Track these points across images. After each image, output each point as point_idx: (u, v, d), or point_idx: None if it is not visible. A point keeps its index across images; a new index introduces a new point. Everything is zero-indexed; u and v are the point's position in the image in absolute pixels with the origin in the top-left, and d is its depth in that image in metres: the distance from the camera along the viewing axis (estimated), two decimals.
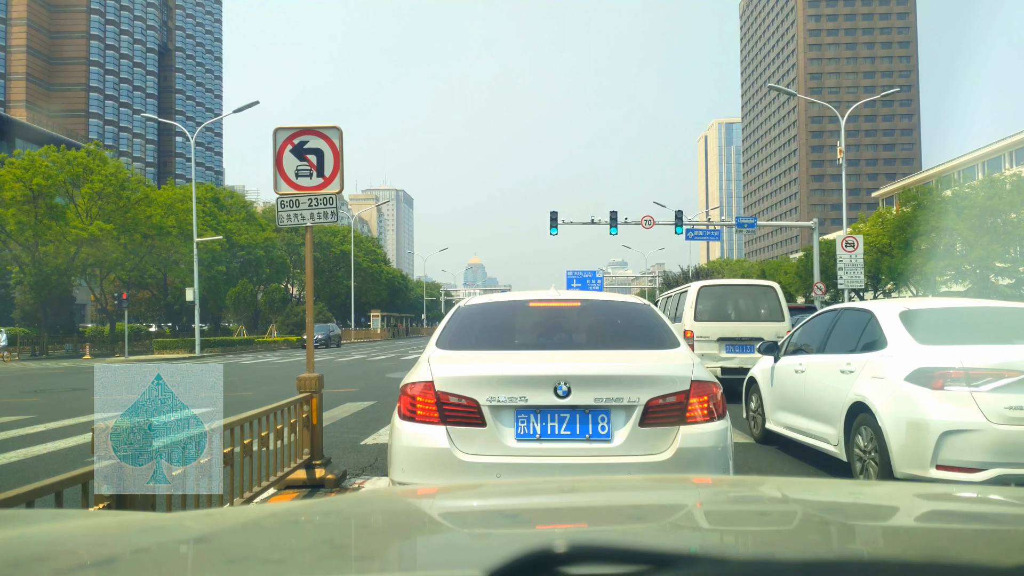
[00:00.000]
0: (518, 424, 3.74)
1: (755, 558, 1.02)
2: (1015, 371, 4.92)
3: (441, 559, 1.13)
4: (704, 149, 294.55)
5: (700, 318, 13.12)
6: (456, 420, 3.75)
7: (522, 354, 4.31)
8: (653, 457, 3.71)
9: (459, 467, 3.69)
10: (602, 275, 68.30)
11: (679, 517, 1.44)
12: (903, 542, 1.21)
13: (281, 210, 5.86)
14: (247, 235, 55.65)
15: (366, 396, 13.52)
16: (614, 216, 36.68)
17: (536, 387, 3.74)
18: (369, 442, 8.50)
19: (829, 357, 6.55)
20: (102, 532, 1.25)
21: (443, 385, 3.79)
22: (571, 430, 3.74)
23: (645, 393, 3.75)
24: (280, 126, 5.74)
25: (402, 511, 1.47)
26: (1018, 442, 4.82)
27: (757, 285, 14.01)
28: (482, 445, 3.71)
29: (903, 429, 5.17)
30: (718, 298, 13.50)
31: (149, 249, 42.27)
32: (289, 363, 27.17)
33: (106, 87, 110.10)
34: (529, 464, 3.68)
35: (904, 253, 39.08)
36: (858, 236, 30.99)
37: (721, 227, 39.00)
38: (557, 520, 1.40)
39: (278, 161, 5.69)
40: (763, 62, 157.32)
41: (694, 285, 13.70)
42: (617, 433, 3.73)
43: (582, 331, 4.78)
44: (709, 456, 3.77)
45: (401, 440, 3.82)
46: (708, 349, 12.90)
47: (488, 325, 4.62)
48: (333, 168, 5.69)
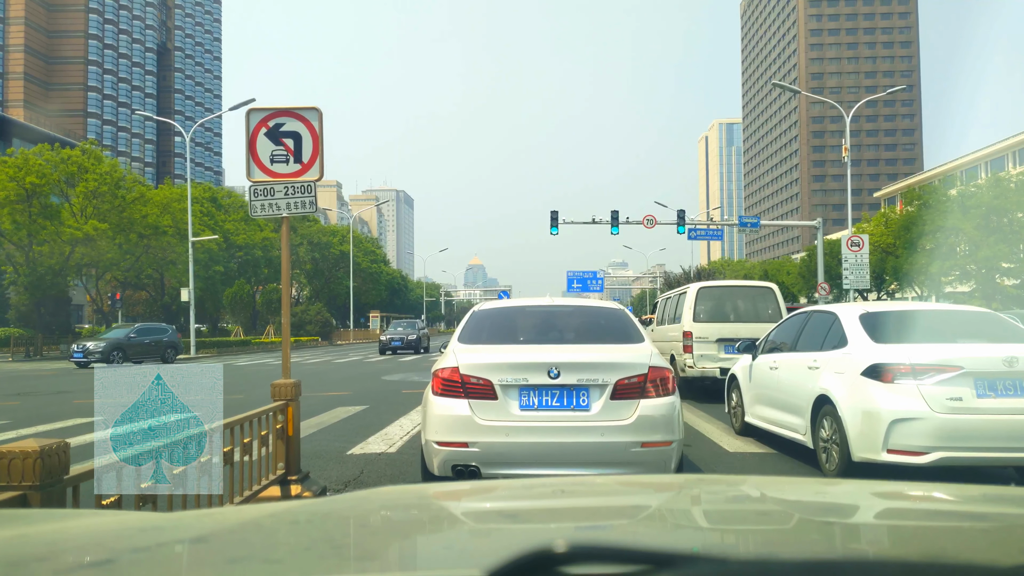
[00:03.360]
0: (521, 398, 4.91)
1: (755, 558, 1.02)
2: (955, 366, 5.53)
3: (441, 559, 1.13)
4: (705, 150, 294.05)
5: (699, 319, 12.88)
6: (475, 395, 4.91)
7: (524, 347, 5.45)
8: (621, 422, 4.86)
9: (478, 429, 4.84)
10: (602, 276, 67.84)
11: (679, 517, 1.46)
12: (903, 542, 1.21)
13: (254, 199, 5.34)
14: (245, 235, 55.14)
15: (359, 400, 13.01)
16: (615, 215, 36.25)
17: (534, 371, 4.91)
18: (356, 452, 7.86)
19: (799, 355, 7.14)
20: (102, 532, 1.26)
21: (465, 370, 4.96)
22: (560, 403, 4.91)
23: (614, 375, 4.92)
24: (253, 107, 5.23)
25: (402, 511, 1.46)
26: (957, 428, 5.44)
27: (756, 286, 13.83)
28: (495, 413, 4.87)
29: (859, 418, 5.79)
30: (717, 299, 13.27)
31: (145, 249, 41.75)
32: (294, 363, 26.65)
33: (105, 87, 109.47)
34: (529, 427, 4.85)
35: (909, 253, 38.59)
36: (864, 236, 30.53)
37: (724, 227, 38.51)
38: (557, 520, 1.41)
39: (251, 145, 5.16)
40: (764, 62, 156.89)
41: (693, 286, 13.46)
42: (594, 404, 4.90)
43: (570, 329, 5.95)
44: (661, 421, 4.92)
45: (435, 410, 4.98)
46: (707, 349, 12.64)
47: (497, 325, 5.90)
48: (312, 153, 5.16)
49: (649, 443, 4.84)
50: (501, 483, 2.42)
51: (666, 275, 59.00)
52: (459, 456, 4.86)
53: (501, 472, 4.85)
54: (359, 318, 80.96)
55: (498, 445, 4.81)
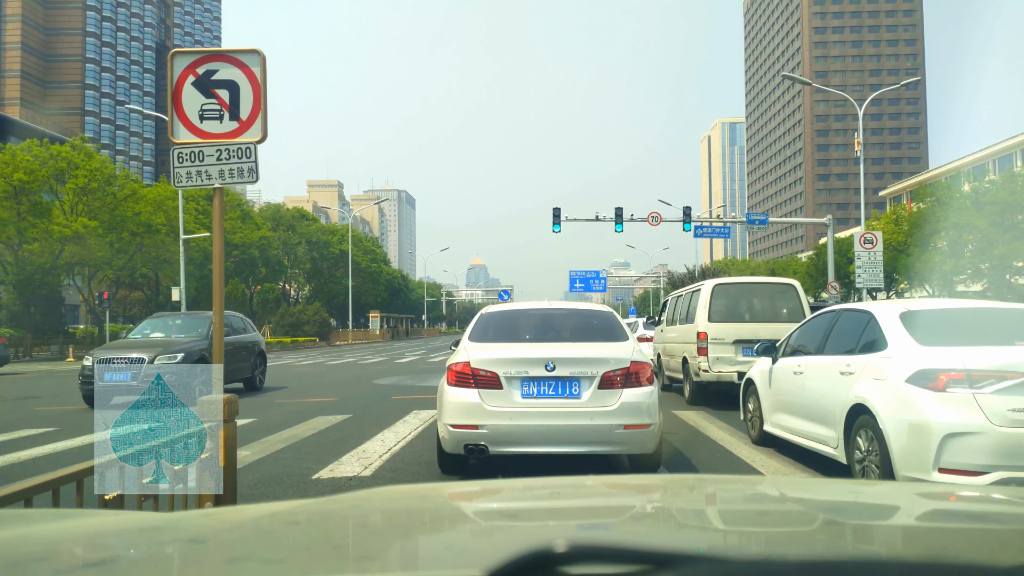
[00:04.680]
0: (522, 388, 5.62)
1: (755, 558, 1.03)
2: (1017, 372, 4.87)
3: (441, 559, 1.13)
4: (707, 149, 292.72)
5: (714, 319, 11.81)
6: (483, 385, 5.63)
7: (525, 345, 6.22)
8: (607, 408, 5.56)
9: (486, 414, 5.54)
10: (605, 276, 67.04)
11: (679, 517, 1.44)
12: (903, 542, 1.22)
13: (179, 166, 4.26)
14: (242, 233, 54.15)
15: (344, 408, 11.96)
16: (619, 212, 35.25)
17: (534, 365, 5.64)
18: (324, 475, 6.56)
19: (828, 359, 6.51)
20: (101, 532, 1.26)
21: (475, 364, 5.69)
22: (555, 391, 5.61)
23: (601, 369, 5.64)
24: (177, 50, 4.17)
25: (402, 511, 1.45)
26: (1021, 444, 4.79)
27: (776, 283, 12.76)
28: (500, 400, 5.59)
29: (904, 431, 5.16)
30: (734, 297, 12.19)
31: (138, 248, 40.80)
32: (285, 365, 25.59)
33: (103, 85, 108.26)
34: (529, 412, 5.56)
35: (921, 251, 37.52)
36: (877, 233, 29.57)
37: (731, 224, 37.45)
38: (557, 520, 1.42)
39: (175, 98, 4.10)
40: (767, 60, 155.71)
41: (708, 283, 12.34)
42: (584, 393, 5.62)
43: (565, 329, 6.69)
44: (641, 407, 5.61)
45: (449, 398, 5.71)
46: (723, 352, 11.58)
47: (502, 325, 6.66)
48: (253, 108, 4.04)
49: (631, 426, 5.56)
50: (501, 483, 2.45)
51: (670, 275, 57.93)
52: (470, 437, 5.58)
53: (506, 450, 5.62)
54: (359, 318, 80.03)
55: (503, 427, 5.54)
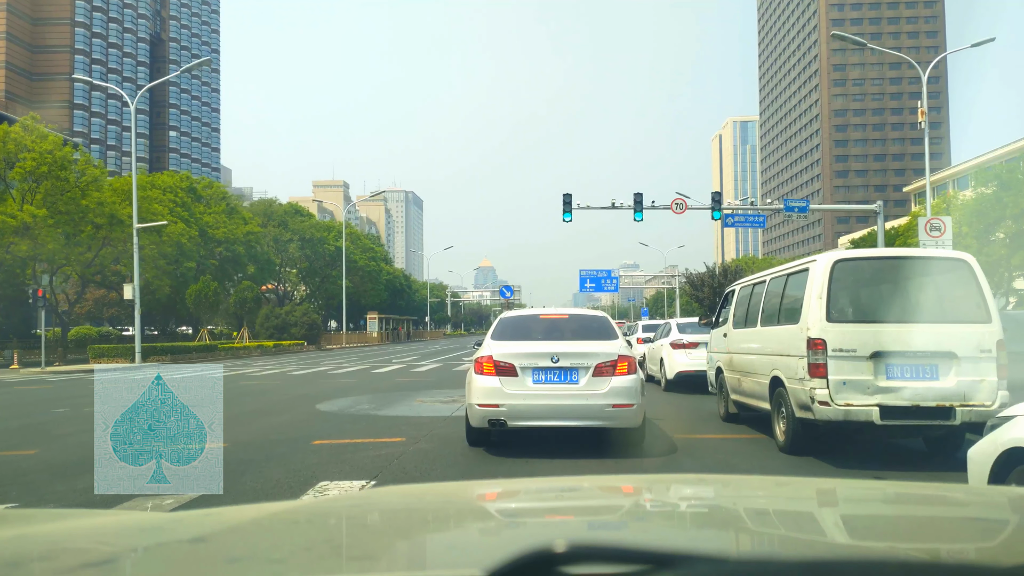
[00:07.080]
0: (534, 376, 7.62)
1: (755, 558, 1.04)
2: None
3: (441, 559, 1.14)
4: (719, 148, 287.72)
5: (838, 317, 7.36)
6: (503, 373, 7.63)
7: (535, 342, 8.15)
8: (599, 391, 7.50)
9: (505, 395, 7.52)
10: (617, 276, 62.96)
11: (679, 517, 1.45)
12: (903, 542, 1.22)
13: None
14: (226, 228, 50.00)
15: (227, 456, 7.55)
16: (639, 199, 30.90)
17: (542, 358, 7.65)
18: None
19: None
20: (102, 532, 1.26)
21: (497, 357, 7.72)
22: (559, 378, 7.60)
23: (595, 361, 7.61)
24: None
25: (402, 511, 1.46)
26: None
27: (938, 258, 8.25)
28: (516, 385, 7.60)
29: None
30: (869, 283, 7.85)
31: (103, 242, 36.60)
32: (233, 376, 21.13)
33: (93, 77, 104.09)
34: (539, 394, 7.54)
35: (982, 244, 32.93)
36: (946, 218, 25.08)
37: (765, 212, 32.90)
38: (557, 520, 1.44)
39: None
40: (782, 55, 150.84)
41: (822, 259, 7.71)
42: (582, 379, 7.60)
43: (568, 331, 8.67)
44: (626, 391, 7.53)
45: (476, 383, 7.70)
46: (853, 373, 7.08)
47: (518, 327, 8.77)
48: None
49: (618, 404, 7.44)
50: (501, 483, 2.73)
51: (689, 274, 53.33)
52: (492, 413, 7.50)
53: (520, 424, 7.53)
54: (358, 320, 75.78)
55: (519, 406, 7.49)
